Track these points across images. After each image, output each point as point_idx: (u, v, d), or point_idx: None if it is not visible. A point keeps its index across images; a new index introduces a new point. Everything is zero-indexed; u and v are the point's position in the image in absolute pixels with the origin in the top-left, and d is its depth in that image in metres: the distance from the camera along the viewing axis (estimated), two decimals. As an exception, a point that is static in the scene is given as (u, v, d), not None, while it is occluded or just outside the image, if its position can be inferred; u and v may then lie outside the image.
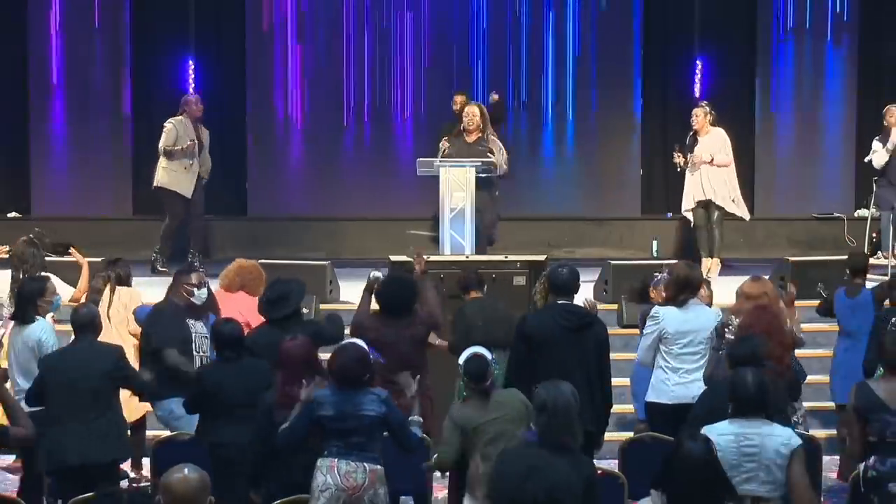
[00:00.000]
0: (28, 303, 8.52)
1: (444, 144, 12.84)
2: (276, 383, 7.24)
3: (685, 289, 8.55)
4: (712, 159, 13.30)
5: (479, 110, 12.87)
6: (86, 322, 8.03)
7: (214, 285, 9.50)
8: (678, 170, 13.69)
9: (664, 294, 8.88)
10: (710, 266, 13.25)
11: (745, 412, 6.36)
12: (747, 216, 13.72)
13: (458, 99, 14.10)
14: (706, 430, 6.23)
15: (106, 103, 15.79)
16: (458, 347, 8.11)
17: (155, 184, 13.60)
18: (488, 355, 7.17)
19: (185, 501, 4.71)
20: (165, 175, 13.50)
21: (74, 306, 8.51)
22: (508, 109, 15.43)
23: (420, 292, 8.74)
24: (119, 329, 9.33)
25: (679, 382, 8.45)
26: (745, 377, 6.43)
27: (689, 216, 13.66)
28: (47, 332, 8.47)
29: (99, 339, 8.10)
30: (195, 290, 8.80)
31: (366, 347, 7.12)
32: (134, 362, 8.59)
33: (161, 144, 13.44)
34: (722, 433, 6.27)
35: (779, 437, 6.35)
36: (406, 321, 8.50)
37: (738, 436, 6.29)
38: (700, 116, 13.42)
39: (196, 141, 13.44)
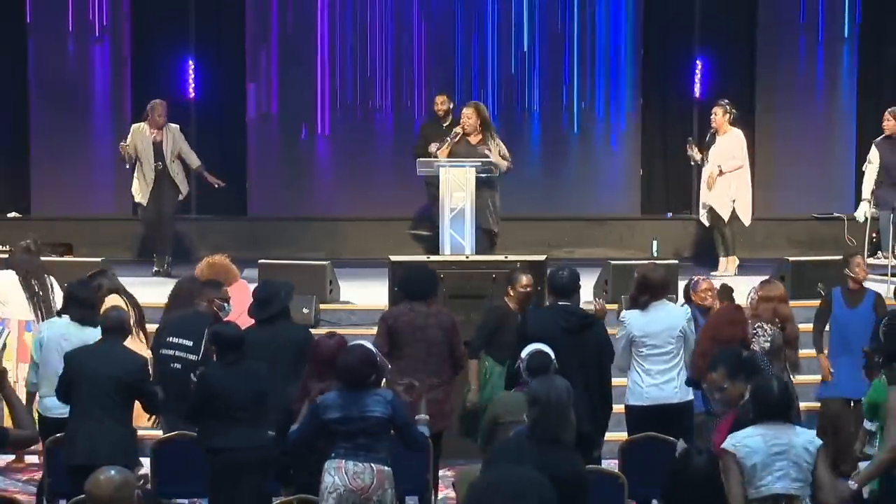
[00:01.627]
0: (88, 306, 8.57)
1: (433, 148, 12.74)
2: (302, 373, 7.40)
3: (644, 291, 8.72)
4: (721, 171, 13.25)
5: (474, 111, 12.72)
6: (115, 325, 8.05)
7: None
8: (692, 164, 13.69)
9: (706, 298, 9.08)
10: (727, 265, 13.32)
11: (770, 417, 6.41)
12: (747, 221, 13.66)
13: (439, 99, 14.06)
14: (732, 437, 6.33)
15: (106, 103, 15.79)
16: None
17: None
18: (551, 353, 7.21)
19: (106, 501, 4.81)
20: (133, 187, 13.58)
21: (105, 308, 8.58)
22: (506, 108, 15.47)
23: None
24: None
25: (652, 384, 8.57)
26: (770, 384, 6.49)
27: (703, 217, 13.63)
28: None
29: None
30: (225, 304, 8.86)
31: (373, 349, 7.15)
32: None
33: None
34: (749, 435, 6.33)
35: (804, 437, 6.43)
36: (431, 309, 8.72)
37: (765, 436, 6.33)
38: (718, 115, 13.37)
39: (127, 145, 13.33)
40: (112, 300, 9.41)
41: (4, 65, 15.65)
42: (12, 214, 15.47)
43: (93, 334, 8.32)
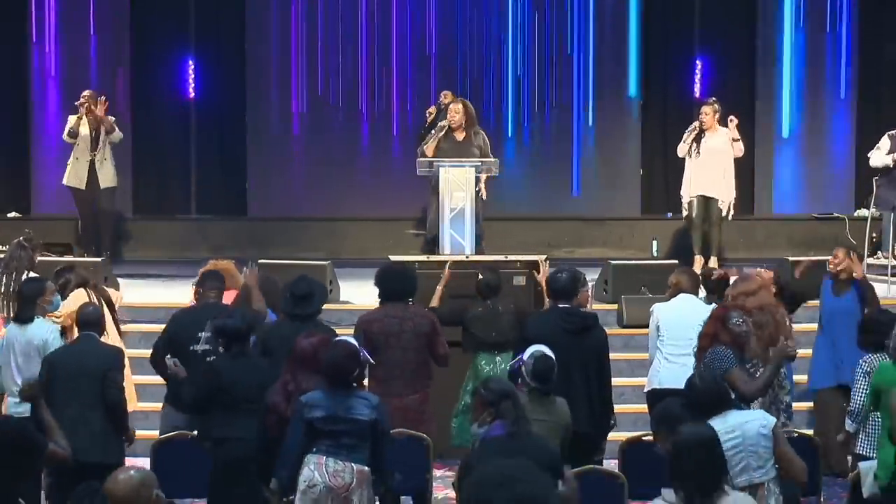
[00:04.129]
0: (29, 303, 8.52)
1: (443, 123, 12.79)
2: (282, 372, 7.29)
3: (674, 291, 9.18)
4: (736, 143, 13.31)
5: (462, 107, 12.85)
6: (92, 320, 8.07)
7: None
8: (684, 142, 13.48)
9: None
10: (702, 265, 13.29)
11: (701, 414, 6.32)
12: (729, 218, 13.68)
13: (447, 93, 14.07)
14: None
15: (106, 103, 15.80)
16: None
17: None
18: (553, 357, 7.22)
19: (125, 500, 4.80)
20: (66, 174, 13.51)
21: (82, 304, 8.53)
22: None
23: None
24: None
25: (667, 367, 8.75)
26: (692, 381, 6.57)
27: (685, 208, 13.59)
28: (53, 332, 8.44)
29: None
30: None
31: (356, 344, 7.11)
32: None
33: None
34: None
35: (755, 421, 6.43)
36: (409, 312, 8.49)
37: (719, 433, 6.15)
38: (709, 115, 13.35)
39: (78, 129, 13.42)
40: (77, 295, 9.35)
41: (4, 65, 15.66)
42: (12, 214, 15.48)
43: (31, 332, 8.33)
